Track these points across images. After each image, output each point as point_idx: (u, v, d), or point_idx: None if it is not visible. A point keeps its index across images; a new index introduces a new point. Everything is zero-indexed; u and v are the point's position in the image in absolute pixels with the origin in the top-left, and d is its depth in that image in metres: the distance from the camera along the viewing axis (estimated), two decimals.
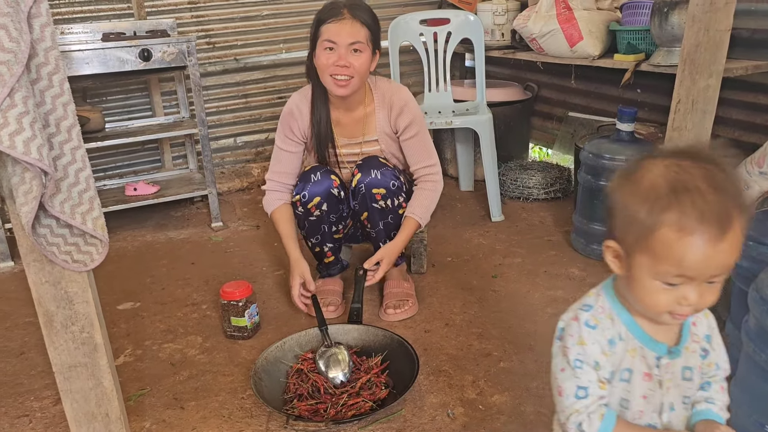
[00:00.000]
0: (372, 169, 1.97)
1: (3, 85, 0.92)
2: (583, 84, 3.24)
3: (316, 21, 1.92)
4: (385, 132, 2.07)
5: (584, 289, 2.14)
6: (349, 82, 1.90)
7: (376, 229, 2.05)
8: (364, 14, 1.90)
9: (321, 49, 1.89)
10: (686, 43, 1.65)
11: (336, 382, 1.70)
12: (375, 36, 1.93)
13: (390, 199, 1.99)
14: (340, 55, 1.87)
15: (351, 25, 1.86)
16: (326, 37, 1.87)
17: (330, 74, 1.89)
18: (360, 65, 1.89)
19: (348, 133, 2.08)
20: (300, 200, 2.00)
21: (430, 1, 3.82)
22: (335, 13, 1.87)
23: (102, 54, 2.61)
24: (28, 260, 1.16)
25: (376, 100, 2.05)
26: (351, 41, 1.86)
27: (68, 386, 1.26)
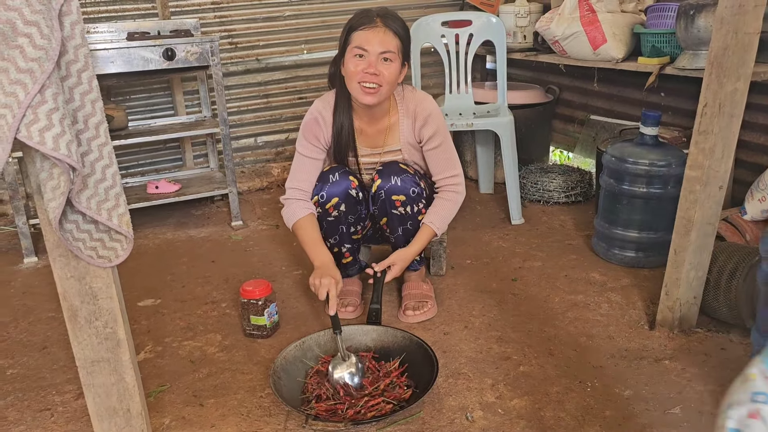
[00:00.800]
0: (392, 176, 1.96)
1: (34, 81, 0.93)
2: (606, 87, 3.21)
3: (347, 28, 1.89)
4: (408, 142, 2.06)
5: (605, 295, 2.14)
6: (377, 90, 1.88)
7: (395, 235, 2.05)
8: (397, 24, 1.88)
9: (351, 55, 1.87)
10: (714, 45, 1.62)
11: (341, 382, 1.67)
12: (405, 47, 1.91)
13: (410, 206, 1.98)
14: (369, 62, 1.85)
15: (383, 34, 1.85)
16: (357, 43, 1.85)
17: (358, 81, 1.87)
18: (389, 74, 1.87)
19: (370, 143, 2.07)
20: (318, 200, 2.00)
21: (452, 2, 3.82)
22: (368, 20, 1.86)
23: (126, 53, 2.64)
24: (54, 255, 1.17)
25: (401, 110, 2.03)
26: (382, 50, 1.85)
27: (91, 381, 1.27)
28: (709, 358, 1.79)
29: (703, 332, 1.91)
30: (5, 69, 0.93)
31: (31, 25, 0.93)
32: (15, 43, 0.93)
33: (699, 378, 1.71)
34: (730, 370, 1.73)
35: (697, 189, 1.73)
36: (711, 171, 1.71)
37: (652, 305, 2.07)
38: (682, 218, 1.79)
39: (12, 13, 0.92)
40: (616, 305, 2.10)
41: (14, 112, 0.94)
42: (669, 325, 1.91)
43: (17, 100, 0.94)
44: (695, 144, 1.71)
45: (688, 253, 1.80)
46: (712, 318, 1.97)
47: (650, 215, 2.28)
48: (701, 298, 1.91)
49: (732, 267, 1.88)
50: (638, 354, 1.83)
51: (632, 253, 2.35)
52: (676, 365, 1.77)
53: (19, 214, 2.62)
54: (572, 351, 1.86)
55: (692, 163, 1.73)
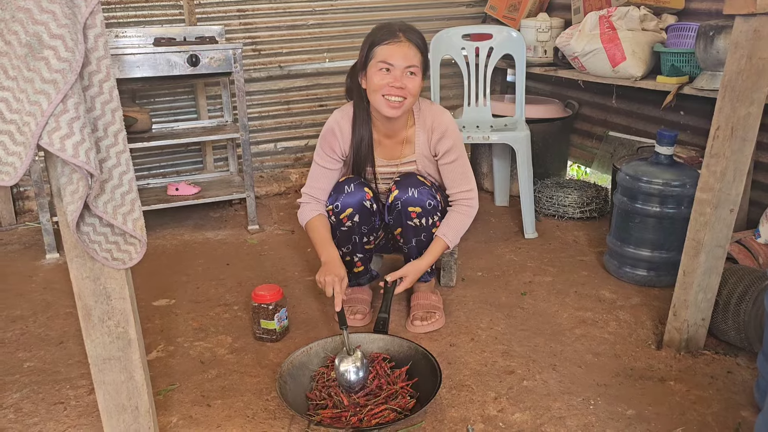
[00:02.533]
0: (410, 187, 1.99)
1: (57, 91, 0.98)
2: (625, 104, 3.21)
3: (369, 42, 1.93)
4: (423, 154, 2.09)
5: (614, 312, 2.15)
6: (401, 104, 1.92)
7: (408, 246, 2.08)
8: (418, 39, 1.93)
9: (375, 69, 1.91)
10: (727, 69, 1.63)
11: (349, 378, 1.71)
12: (425, 61, 1.96)
13: (425, 218, 2.01)
14: (395, 77, 1.88)
15: (408, 48, 1.89)
16: (382, 58, 1.89)
17: (383, 94, 1.91)
18: (413, 87, 1.92)
19: (387, 155, 2.11)
20: (333, 210, 2.03)
21: (475, 15, 3.84)
22: (391, 35, 1.89)
23: (152, 58, 2.71)
24: (71, 256, 1.22)
25: (418, 123, 2.07)
26: (407, 64, 1.89)
27: (102, 378, 1.32)
28: (714, 381, 1.79)
29: (710, 354, 1.91)
30: (31, 79, 0.98)
31: (56, 38, 0.98)
32: (41, 55, 0.98)
33: (703, 400, 1.71)
34: (736, 394, 1.72)
35: (708, 211, 1.73)
36: (722, 194, 1.71)
37: (660, 325, 2.07)
38: (692, 240, 1.79)
39: (39, 27, 0.97)
40: (624, 324, 2.11)
41: (38, 120, 0.99)
42: (676, 345, 1.91)
43: (41, 109, 0.98)
44: (706, 167, 1.72)
45: (697, 275, 1.80)
46: (720, 340, 1.96)
47: (663, 235, 2.28)
48: (710, 320, 1.90)
49: (742, 290, 1.87)
50: (643, 373, 1.83)
51: (644, 272, 2.35)
52: (681, 386, 1.77)
53: (43, 211, 2.70)
54: (577, 368, 1.87)
55: (703, 186, 1.73)
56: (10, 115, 1.01)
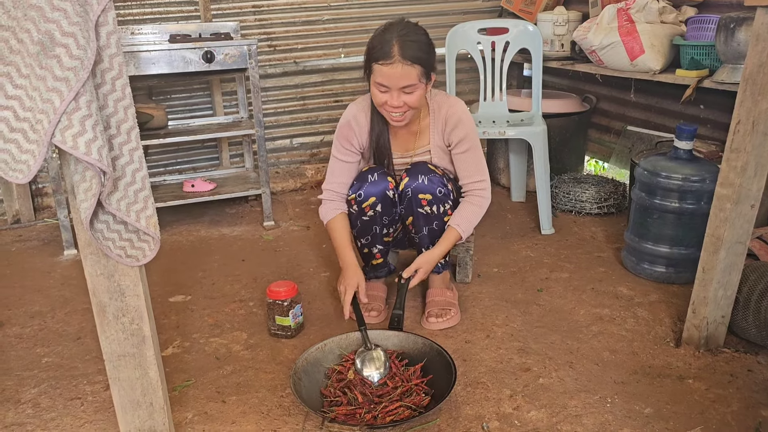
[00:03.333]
0: (420, 174, 1.99)
1: (69, 89, 0.98)
2: (644, 98, 3.17)
3: (367, 55, 1.92)
4: (437, 145, 2.09)
5: (632, 309, 2.12)
6: (403, 117, 1.95)
7: (419, 235, 2.07)
8: (415, 50, 1.85)
9: (374, 85, 1.92)
10: (749, 62, 1.59)
11: (372, 380, 1.72)
12: (428, 66, 1.90)
13: (436, 206, 2.01)
14: (393, 96, 1.89)
15: (401, 68, 1.84)
16: (378, 79, 1.88)
17: (385, 110, 1.95)
18: (413, 101, 1.91)
19: (402, 147, 2.12)
20: (355, 199, 2.03)
21: (491, 9, 3.81)
22: (386, 54, 1.84)
23: (168, 54, 2.72)
24: (85, 253, 1.22)
25: (432, 113, 2.07)
26: (402, 85, 1.87)
27: (116, 374, 1.33)
28: (734, 379, 1.76)
29: (730, 352, 1.87)
30: (43, 77, 0.98)
31: (68, 36, 0.98)
32: (53, 53, 0.98)
33: (723, 399, 1.68)
34: (756, 392, 1.69)
35: (728, 207, 1.70)
36: (742, 189, 1.68)
37: (679, 322, 2.04)
38: (711, 236, 1.76)
39: (51, 25, 0.97)
40: (642, 321, 2.08)
41: (50, 118, 0.99)
42: (695, 343, 1.88)
43: (53, 106, 0.99)
44: (727, 161, 1.68)
45: (717, 272, 1.77)
46: (740, 338, 1.93)
47: (682, 231, 2.24)
48: (730, 318, 1.87)
49: (763, 287, 1.84)
50: (662, 371, 1.81)
51: (662, 269, 2.32)
52: (699, 385, 1.74)
53: (61, 208, 2.72)
54: (594, 365, 1.85)
55: (723, 181, 1.70)
56: (23, 113, 1.01)
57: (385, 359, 1.79)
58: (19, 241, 2.97)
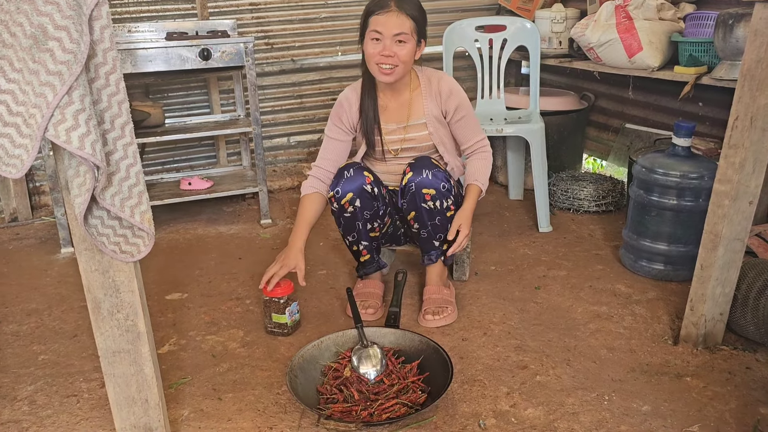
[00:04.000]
0: (424, 169, 2.00)
1: (62, 83, 0.98)
2: (642, 95, 3.16)
3: (365, 12, 2.01)
4: (434, 115, 2.12)
5: (630, 307, 2.11)
6: (393, 71, 1.99)
7: (423, 230, 2.07)
8: (410, 6, 1.97)
9: (368, 39, 1.99)
10: (746, 58, 1.59)
11: (369, 377, 1.72)
12: (420, 27, 2.00)
13: (439, 201, 2.00)
14: (385, 45, 1.96)
15: (396, 17, 1.94)
16: (373, 27, 1.97)
17: (375, 62, 1.99)
18: (404, 55, 1.98)
19: (394, 118, 2.14)
20: (334, 196, 2.05)
21: (489, 6, 3.80)
22: (383, 4, 1.96)
23: (165, 52, 2.71)
24: (80, 249, 1.22)
25: (422, 84, 2.12)
26: (396, 32, 1.94)
27: (111, 371, 1.32)
28: (732, 377, 1.75)
29: (728, 350, 1.87)
30: (36, 71, 0.98)
31: (61, 29, 0.97)
32: (45, 46, 0.97)
33: (721, 396, 1.67)
34: (754, 390, 1.69)
35: (726, 204, 1.69)
36: (741, 186, 1.67)
37: (677, 320, 2.03)
38: (710, 233, 1.75)
39: (43, 18, 0.96)
40: (640, 318, 2.07)
41: (43, 112, 0.98)
42: (693, 341, 1.87)
43: (46, 101, 0.98)
44: (725, 158, 1.68)
45: (715, 269, 1.76)
46: (738, 336, 1.92)
47: (680, 228, 2.24)
48: (728, 315, 1.87)
49: (761, 284, 1.83)
50: (660, 369, 1.80)
51: (660, 266, 2.31)
52: (697, 382, 1.73)
53: (58, 206, 2.71)
54: (592, 363, 1.84)
55: (721, 177, 1.70)
56: (16, 108, 1.01)
57: (382, 356, 1.78)
58: (16, 239, 2.96)
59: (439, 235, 2.08)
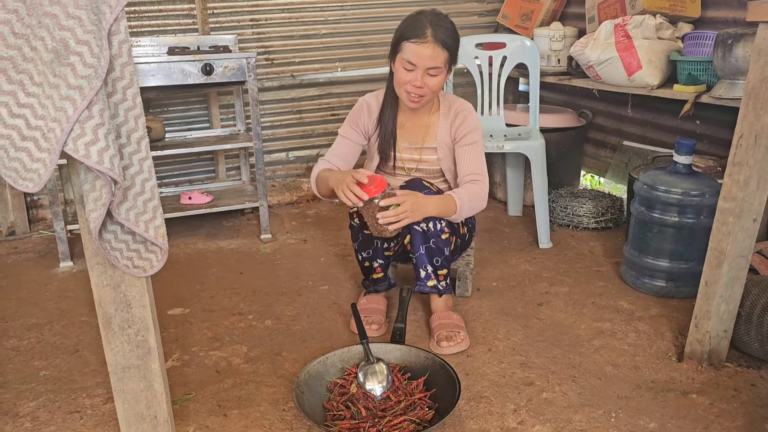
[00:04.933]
0: (415, 190, 1.98)
1: (83, 98, 0.98)
2: (640, 113, 3.20)
3: (398, 34, 1.96)
4: (444, 142, 2.12)
5: (633, 324, 2.12)
6: (420, 100, 2.00)
7: (417, 254, 2.01)
8: (446, 35, 1.93)
9: (400, 64, 1.96)
10: (751, 77, 1.61)
11: (375, 394, 1.71)
12: (453, 55, 1.99)
13: (432, 222, 1.97)
14: (417, 76, 1.94)
15: (432, 49, 1.90)
16: (406, 56, 1.93)
17: (405, 91, 1.98)
18: (435, 85, 1.97)
19: (410, 138, 2.14)
20: (357, 212, 2.03)
21: (487, 25, 3.84)
22: (419, 33, 1.90)
23: (167, 67, 2.72)
24: (92, 263, 1.21)
25: (442, 109, 2.12)
26: (430, 65, 1.92)
27: (121, 387, 1.31)
28: (738, 394, 1.76)
29: (733, 367, 1.87)
30: (57, 85, 0.98)
31: (82, 44, 0.98)
32: (67, 60, 0.97)
33: (727, 414, 1.67)
34: (760, 407, 1.69)
35: (730, 221, 1.71)
36: (745, 203, 1.69)
37: (680, 337, 2.04)
38: (714, 250, 1.76)
39: (65, 33, 0.97)
40: (643, 335, 2.08)
41: (63, 126, 0.98)
42: (698, 358, 1.88)
43: (66, 115, 0.98)
44: (729, 175, 1.69)
45: (719, 286, 1.77)
46: (742, 353, 1.93)
47: (682, 245, 2.25)
48: (732, 332, 1.87)
49: (765, 301, 1.84)
50: (665, 386, 1.80)
51: (662, 283, 2.32)
52: (703, 400, 1.74)
53: (58, 219, 2.70)
54: (597, 380, 1.84)
55: (726, 195, 1.71)
56: (35, 122, 1.00)
57: (388, 373, 1.77)
58: (14, 253, 2.94)
59: (435, 259, 2.01)
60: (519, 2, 3.59)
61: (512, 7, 3.63)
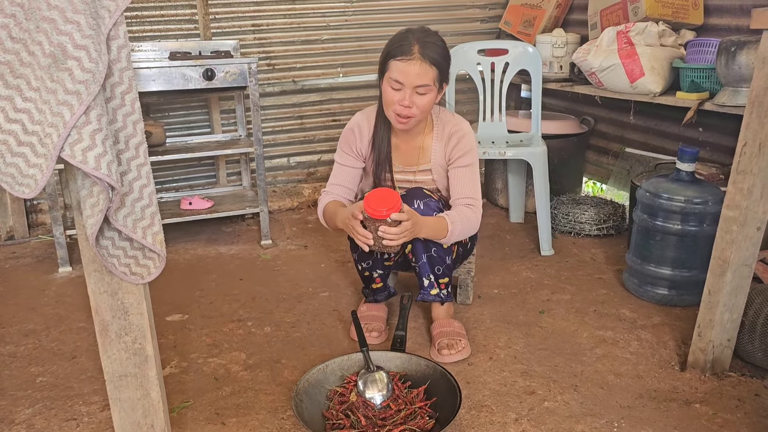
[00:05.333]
0: (415, 200, 1.96)
1: (80, 103, 0.97)
2: (642, 120, 3.18)
3: (385, 53, 1.91)
4: (439, 163, 2.07)
5: (635, 332, 2.10)
6: (409, 120, 1.93)
7: (419, 263, 2.00)
8: (434, 52, 1.87)
9: (387, 84, 1.90)
10: (755, 85, 1.60)
11: (375, 402, 1.69)
12: (443, 73, 1.92)
13: None
14: (404, 95, 1.87)
15: (419, 67, 1.84)
16: (393, 75, 1.87)
17: (394, 112, 1.91)
18: (424, 105, 1.90)
19: (404, 161, 2.10)
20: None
21: (490, 31, 3.84)
22: (405, 50, 1.85)
23: (168, 72, 2.71)
24: (89, 270, 1.20)
25: (436, 130, 2.06)
26: (418, 83, 1.86)
27: (117, 395, 1.29)
28: (742, 404, 1.74)
29: (736, 376, 1.86)
30: (54, 90, 0.97)
31: (81, 48, 0.97)
32: (65, 65, 0.96)
33: (731, 424, 1.66)
34: (764, 418, 1.67)
35: (734, 229, 1.69)
36: (749, 211, 1.67)
37: (683, 345, 2.02)
38: (718, 258, 1.75)
39: (63, 37, 0.95)
40: (646, 343, 2.06)
41: (60, 131, 0.97)
42: (701, 367, 1.86)
43: (63, 120, 0.97)
44: (733, 183, 1.68)
45: (723, 295, 1.76)
46: (746, 362, 1.91)
47: (684, 253, 2.24)
48: (735, 341, 1.86)
49: None
50: (668, 395, 1.79)
51: (665, 291, 2.30)
52: (707, 409, 1.72)
53: (57, 224, 2.68)
54: (599, 389, 1.82)
55: (729, 203, 1.70)
56: (32, 127, 0.99)
57: (388, 381, 1.76)
58: (12, 258, 2.92)
59: (437, 268, 2.01)
60: (521, 9, 3.58)
61: (514, 13, 3.62)
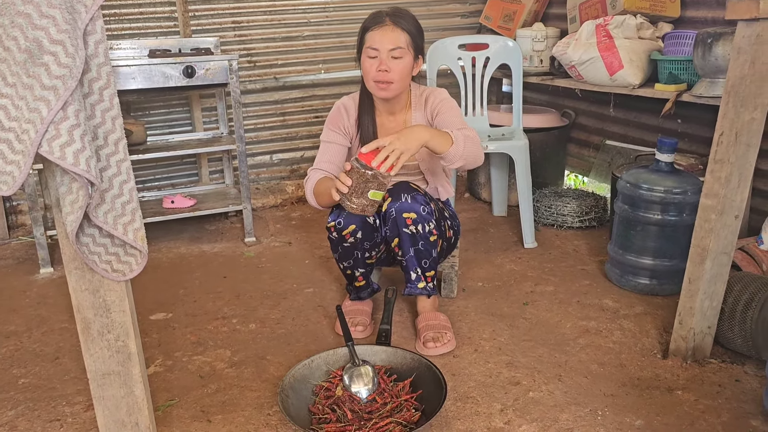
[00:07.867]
0: (402, 194, 1.96)
1: (57, 98, 0.96)
2: (622, 112, 3.21)
3: (361, 29, 2.03)
4: None
5: (618, 322, 2.13)
6: (389, 86, 2.00)
7: (406, 257, 2.00)
8: (405, 21, 2.00)
9: (365, 56, 2.01)
10: (731, 75, 1.62)
11: (361, 396, 1.69)
12: (416, 41, 2.02)
13: (421, 224, 1.96)
14: (381, 60, 1.97)
15: (392, 31, 1.97)
16: (369, 44, 1.99)
17: (373, 79, 2.00)
18: (400, 70, 1.99)
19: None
20: (335, 226, 1.99)
21: (470, 26, 3.85)
22: (378, 20, 1.99)
23: (148, 70, 2.69)
24: (70, 268, 1.19)
25: (414, 104, 2.14)
26: (391, 47, 1.96)
27: (101, 393, 1.28)
28: (722, 390, 1.76)
29: (717, 363, 1.88)
30: (30, 86, 0.96)
31: (57, 43, 0.96)
32: (41, 60, 0.95)
33: (712, 410, 1.68)
34: (744, 403, 1.70)
35: (713, 218, 1.72)
36: (727, 200, 1.70)
37: (665, 334, 2.05)
38: (697, 247, 1.77)
39: (39, 32, 0.94)
40: (628, 333, 2.08)
41: (37, 127, 0.96)
42: (682, 354, 1.88)
43: (40, 116, 0.96)
44: (711, 172, 1.70)
45: (703, 283, 1.78)
46: (726, 349, 1.94)
47: (665, 242, 2.27)
48: (716, 328, 1.89)
49: (747, 297, 1.86)
50: (650, 383, 1.81)
51: (646, 281, 2.33)
52: (689, 396, 1.74)
53: (37, 225, 2.65)
54: (583, 378, 1.84)
55: (708, 192, 1.72)
56: (8, 123, 0.98)
57: (374, 375, 1.76)
58: None
59: (424, 261, 2.01)
60: (501, 3, 3.60)
61: (494, 8, 3.64)
